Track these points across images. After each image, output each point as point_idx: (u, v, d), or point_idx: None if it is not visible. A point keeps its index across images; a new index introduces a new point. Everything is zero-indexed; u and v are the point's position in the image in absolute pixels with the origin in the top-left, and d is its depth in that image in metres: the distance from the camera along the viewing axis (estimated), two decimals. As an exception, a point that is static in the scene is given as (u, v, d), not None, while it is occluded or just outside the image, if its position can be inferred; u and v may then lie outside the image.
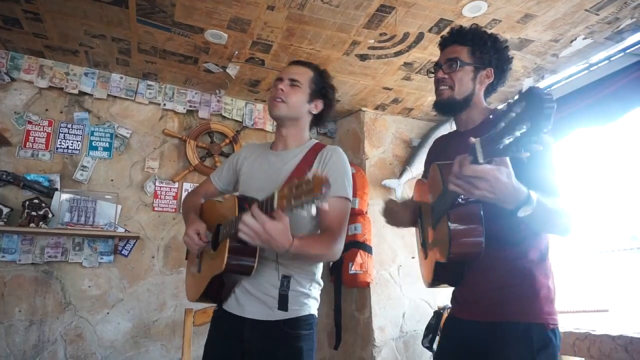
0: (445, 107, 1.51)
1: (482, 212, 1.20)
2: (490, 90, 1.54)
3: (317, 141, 1.67)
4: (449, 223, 1.20)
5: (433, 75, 1.54)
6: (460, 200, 1.18)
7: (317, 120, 1.71)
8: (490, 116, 1.48)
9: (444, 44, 1.55)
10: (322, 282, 1.64)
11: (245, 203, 1.43)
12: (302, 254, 1.39)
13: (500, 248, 1.29)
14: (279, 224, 1.24)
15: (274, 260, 1.51)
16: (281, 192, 1.17)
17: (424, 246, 1.50)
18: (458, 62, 1.47)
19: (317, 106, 1.66)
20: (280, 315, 1.48)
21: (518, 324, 1.24)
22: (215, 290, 1.54)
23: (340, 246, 1.49)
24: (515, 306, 1.26)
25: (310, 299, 1.56)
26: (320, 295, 1.69)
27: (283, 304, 1.47)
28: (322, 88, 1.67)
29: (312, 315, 1.55)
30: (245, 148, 1.81)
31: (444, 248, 1.24)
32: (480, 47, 1.49)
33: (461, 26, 1.55)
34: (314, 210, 1.09)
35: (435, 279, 1.43)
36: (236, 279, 1.52)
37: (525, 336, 1.22)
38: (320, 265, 1.63)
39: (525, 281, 1.29)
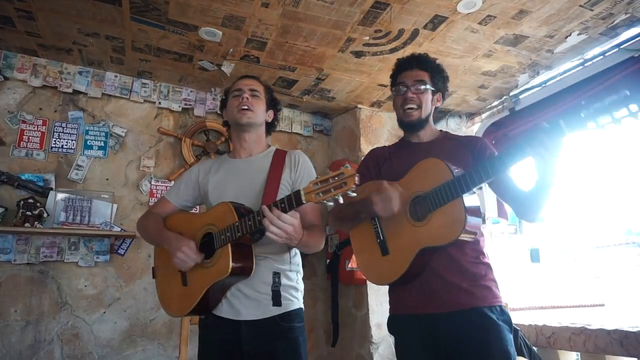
0: (413, 126, 1.71)
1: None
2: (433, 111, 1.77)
3: (276, 147, 1.82)
4: (464, 205, 1.40)
5: (397, 93, 1.71)
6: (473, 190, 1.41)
7: (269, 129, 1.86)
8: (440, 131, 1.78)
9: (405, 67, 1.73)
10: (303, 272, 1.75)
11: (242, 208, 1.53)
12: (306, 244, 1.53)
13: (462, 249, 1.53)
14: (297, 221, 1.41)
15: (265, 257, 1.59)
16: (307, 188, 1.31)
17: (383, 244, 1.58)
18: (425, 84, 1.68)
19: (270, 115, 1.83)
20: (275, 311, 1.55)
21: (491, 307, 1.48)
22: (207, 299, 1.58)
23: (324, 237, 1.69)
24: (484, 294, 1.50)
25: (299, 292, 1.66)
26: (317, 292, 1.74)
27: (277, 299, 1.55)
28: (273, 99, 1.86)
29: (301, 309, 1.65)
30: (200, 165, 1.88)
31: (449, 230, 1.42)
32: (436, 74, 1.72)
33: (420, 54, 1.76)
34: (341, 200, 1.26)
35: (408, 271, 1.51)
36: (230, 283, 1.57)
37: (500, 313, 1.49)
38: (300, 257, 1.74)
39: (485, 274, 1.54)
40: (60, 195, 2.80)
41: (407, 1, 2.27)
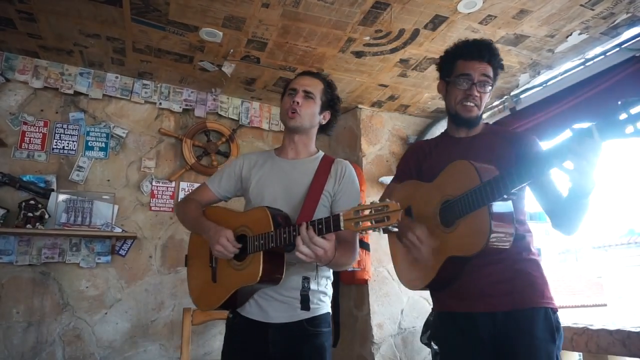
0: (470, 123, 1.59)
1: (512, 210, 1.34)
2: None
3: (324, 153, 1.77)
4: (490, 215, 1.28)
5: (458, 85, 1.55)
6: (505, 196, 1.28)
7: (323, 130, 1.80)
8: (485, 124, 1.65)
9: (474, 56, 1.54)
10: (332, 277, 1.73)
11: (279, 217, 1.51)
12: (336, 264, 1.50)
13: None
14: (332, 242, 1.38)
15: (294, 263, 1.55)
16: (347, 214, 1.27)
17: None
18: (491, 84, 1.55)
19: (326, 117, 1.75)
20: (303, 315, 1.55)
21: (538, 309, 1.37)
22: (235, 299, 1.58)
23: (356, 255, 1.63)
24: (531, 293, 1.39)
25: (327, 297, 1.66)
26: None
27: (305, 304, 1.53)
28: (331, 100, 1.75)
29: (328, 314, 1.65)
30: (246, 157, 1.81)
31: (473, 241, 1.31)
32: (498, 70, 1.58)
33: (490, 42, 1.58)
34: (381, 233, 1.26)
35: (437, 278, 1.45)
36: (258, 288, 1.56)
37: (546, 319, 1.36)
38: None
39: (533, 271, 1.43)
40: (62, 197, 2.81)
41: (408, 1, 2.27)
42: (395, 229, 1.20)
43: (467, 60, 1.55)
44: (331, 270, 1.70)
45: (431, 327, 1.67)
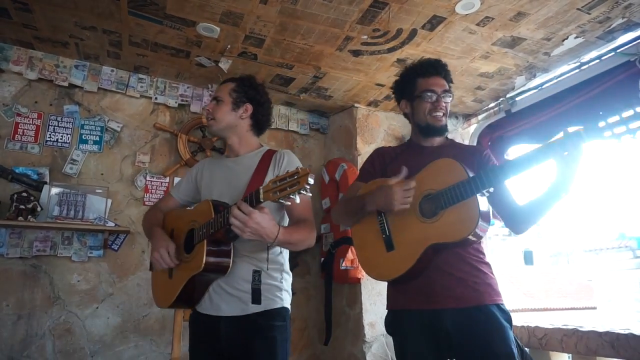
0: (441, 132, 1.74)
1: None
2: None
3: (268, 147, 1.82)
4: (479, 204, 1.44)
5: (426, 99, 1.71)
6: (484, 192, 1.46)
7: (257, 122, 1.85)
8: (446, 138, 1.82)
9: (432, 72, 1.74)
10: (290, 273, 1.73)
11: (220, 206, 1.57)
12: (288, 241, 1.52)
13: (464, 248, 1.57)
14: (265, 214, 1.40)
15: (245, 255, 1.60)
16: (266, 187, 1.33)
17: (389, 239, 1.60)
18: (451, 96, 1.74)
19: (247, 109, 1.81)
20: (254, 309, 1.56)
21: (495, 305, 1.53)
22: (189, 293, 1.62)
23: (315, 234, 1.64)
24: (488, 292, 1.55)
25: (283, 291, 1.65)
26: (311, 290, 1.76)
27: (256, 297, 1.56)
28: (245, 93, 1.82)
29: (285, 309, 1.64)
30: (201, 163, 1.97)
31: (461, 227, 1.45)
32: (451, 85, 1.79)
33: (442, 62, 1.79)
34: (297, 200, 1.27)
35: (413, 267, 1.53)
36: (210, 279, 1.60)
37: (502, 312, 1.53)
38: (287, 257, 1.73)
39: (487, 273, 1.59)
40: (55, 190, 2.78)
41: (406, 1, 2.27)
42: (309, 194, 1.28)
43: (428, 77, 1.74)
44: (287, 265, 1.71)
45: (388, 325, 1.70)
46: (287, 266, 1.72)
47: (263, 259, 1.62)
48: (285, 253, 1.73)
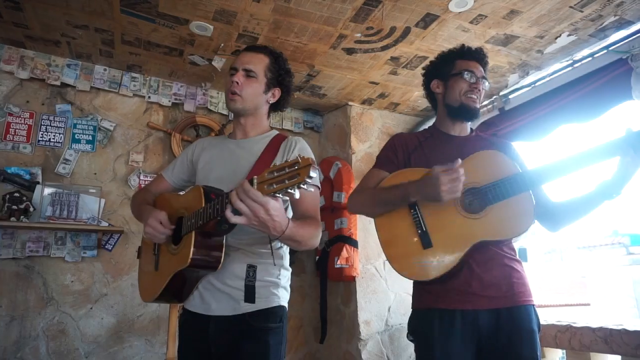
0: (473, 114, 1.68)
1: None
2: None
3: (278, 132, 1.65)
4: (533, 200, 1.45)
5: (465, 77, 1.65)
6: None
7: (275, 107, 1.68)
8: (471, 129, 1.75)
9: (475, 57, 1.69)
10: (290, 269, 1.57)
11: (212, 194, 1.37)
12: (293, 238, 1.31)
13: (499, 246, 1.53)
14: (278, 205, 1.19)
15: (239, 249, 1.45)
16: (261, 177, 1.11)
17: (426, 235, 1.48)
18: (486, 85, 1.69)
19: (275, 94, 1.63)
20: (247, 308, 1.41)
21: (529, 306, 1.49)
22: (176, 288, 1.46)
23: (321, 234, 1.46)
24: (523, 292, 1.50)
25: (280, 288, 1.49)
26: (306, 289, 1.67)
27: (249, 295, 1.40)
28: (279, 76, 1.62)
29: (281, 307, 1.48)
30: (199, 142, 1.75)
31: (514, 224, 1.43)
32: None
33: (483, 49, 1.74)
34: (297, 195, 1.05)
35: (457, 266, 1.45)
36: (199, 275, 1.45)
37: (535, 314, 1.49)
38: (287, 250, 1.57)
39: (521, 272, 1.54)
40: (47, 190, 2.76)
41: (399, -1, 2.27)
42: (312, 189, 1.11)
43: (468, 60, 1.68)
44: (287, 260, 1.55)
45: (414, 324, 1.61)
46: (287, 261, 1.55)
47: (263, 253, 1.46)
48: (286, 247, 1.55)
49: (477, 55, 1.70)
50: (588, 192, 1.48)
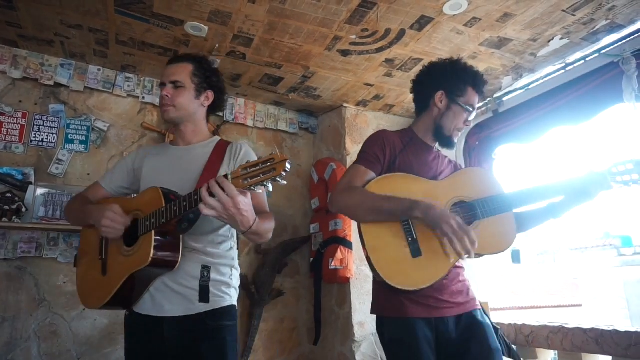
0: (451, 147, 1.76)
1: None
2: None
3: (220, 138, 1.71)
4: (513, 218, 1.61)
5: (466, 110, 1.69)
6: None
7: (213, 109, 1.75)
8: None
9: (480, 90, 1.73)
10: (239, 269, 1.64)
11: (170, 194, 1.42)
12: (258, 232, 1.37)
13: None
14: (247, 200, 1.27)
15: (193, 249, 1.49)
16: (235, 172, 1.20)
17: (415, 244, 1.48)
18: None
19: (209, 97, 1.70)
20: (202, 308, 1.46)
21: (481, 309, 1.62)
22: (127, 291, 1.47)
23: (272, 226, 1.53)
24: (475, 297, 1.63)
25: (231, 288, 1.56)
26: (300, 290, 1.72)
27: (204, 295, 1.45)
28: (207, 78, 1.68)
29: (233, 306, 1.55)
30: (138, 150, 1.79)
31: (502, 241, 1.55)
32: None
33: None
34: (270, 188, 1.16)
35: (442, 278, 1.52)
36: (152, 276, 1.46)
37: (485, 314, 1.63)
38: (237, 252, 1.65)
39: (467, 279, 1.67)
40: (40, 190, 2.74)
41: (394, 1, 2.28)
42: (284, 182, 1.15)
43: (476, 94, 1.71)
44: (236, 260, 1.62)
45: (392, 334, 1.59)
46: (236, 262, 1.62)
47: (217, 254, 1.52)
48: (236, 248, 1.64)
49: (482, 91, 1.74)
50: (537, 210, 1.66)
